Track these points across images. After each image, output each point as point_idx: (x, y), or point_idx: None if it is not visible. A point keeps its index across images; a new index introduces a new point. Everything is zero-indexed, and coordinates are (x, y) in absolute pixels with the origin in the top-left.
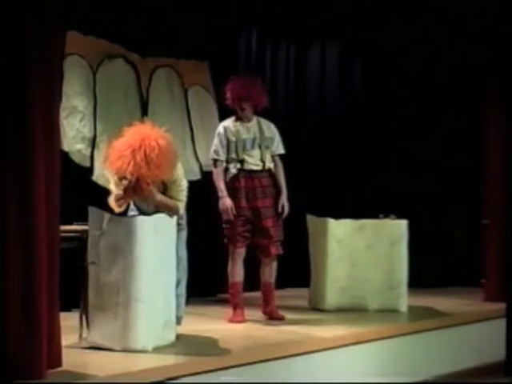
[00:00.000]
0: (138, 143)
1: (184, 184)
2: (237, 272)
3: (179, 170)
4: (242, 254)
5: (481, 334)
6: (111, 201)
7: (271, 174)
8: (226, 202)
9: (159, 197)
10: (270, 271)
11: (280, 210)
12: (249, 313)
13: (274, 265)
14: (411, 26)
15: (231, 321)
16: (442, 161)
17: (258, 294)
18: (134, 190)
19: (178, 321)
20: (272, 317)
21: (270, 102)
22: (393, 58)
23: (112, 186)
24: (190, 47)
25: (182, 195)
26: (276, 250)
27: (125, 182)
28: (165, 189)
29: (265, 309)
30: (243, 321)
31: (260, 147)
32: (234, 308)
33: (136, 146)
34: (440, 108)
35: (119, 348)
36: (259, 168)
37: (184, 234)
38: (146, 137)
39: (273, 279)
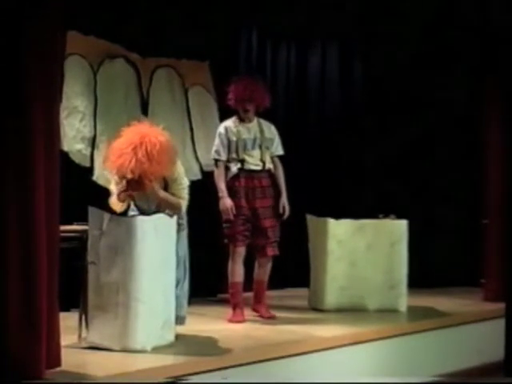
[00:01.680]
0: (139, 140)
1: (185, 182)
2: (237, 272)
3: (179, 169)
4: (242, 253)
5: (480, 334)
6: (111, 202)
7: (271, 175)
8: (227, 202)
9: (162, 193)
10: (264, 270)
11: (281, 211)
12: (249, 313)
13: (269, 265)
14: (411, 26)
15: (231, 321)
16: (442, 161)
17: None
18: (137, 185)
19: (182, 321)
20: (262, 315)
21: (270, 103)
22: (393, 58)
23: (112, 187)
24: (191, 47)
25: (184, 193)
26: (272, 251)
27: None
28: (166, 188)
29: (255, 306)
30: (243, 321)
31: (260, 147)
32: (234, 308)
33: (137, 143)
34: (440, 108)
35: (118, 348)
36: (259, 168)
37: (185, 233)
38: (145, 134)
39: (266, 278)
